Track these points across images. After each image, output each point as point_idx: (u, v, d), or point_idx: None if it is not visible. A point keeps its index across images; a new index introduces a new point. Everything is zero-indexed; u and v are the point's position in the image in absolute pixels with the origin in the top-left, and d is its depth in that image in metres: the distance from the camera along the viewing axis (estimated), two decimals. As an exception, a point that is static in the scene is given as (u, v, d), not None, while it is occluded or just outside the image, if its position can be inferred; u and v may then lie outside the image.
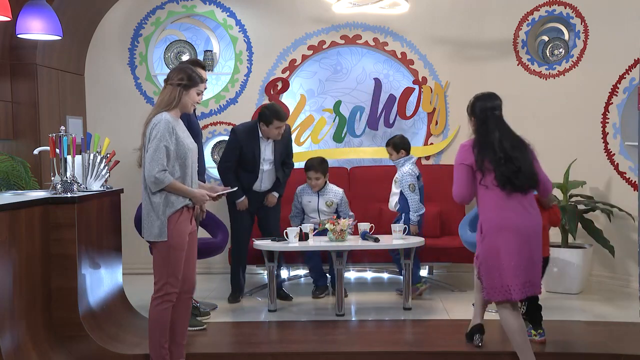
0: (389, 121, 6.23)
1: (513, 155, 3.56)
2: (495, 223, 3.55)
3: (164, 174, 3.41)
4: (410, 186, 5.11)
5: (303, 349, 4.01)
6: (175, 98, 3.52)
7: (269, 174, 5.10)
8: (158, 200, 3.46)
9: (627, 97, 5.44)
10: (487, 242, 3.58)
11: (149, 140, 3.45)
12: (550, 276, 5.32)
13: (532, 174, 3.60)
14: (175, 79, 3.52)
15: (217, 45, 6.40)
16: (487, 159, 3.56)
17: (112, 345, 3.90)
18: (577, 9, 5.79)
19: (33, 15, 4.29)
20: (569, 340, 4.15)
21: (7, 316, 3.38)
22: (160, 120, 3.44)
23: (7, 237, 3.38)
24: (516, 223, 3.52)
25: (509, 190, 3.54)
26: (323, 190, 5.36)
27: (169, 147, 3.43)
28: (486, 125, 3.66)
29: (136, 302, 4.72)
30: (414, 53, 6.20)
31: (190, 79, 3.54)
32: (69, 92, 6.01)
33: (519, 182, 3.54)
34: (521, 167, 3.55)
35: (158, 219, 3.46)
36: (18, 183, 5.00)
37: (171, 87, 3.53)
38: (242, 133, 5.01)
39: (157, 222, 3.46)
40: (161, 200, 3.46)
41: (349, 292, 5.28)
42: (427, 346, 4.04)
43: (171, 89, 3.53)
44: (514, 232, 3.51)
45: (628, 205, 5.28)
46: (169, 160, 3.45)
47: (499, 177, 3.53)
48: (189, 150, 3.52)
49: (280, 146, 5.11)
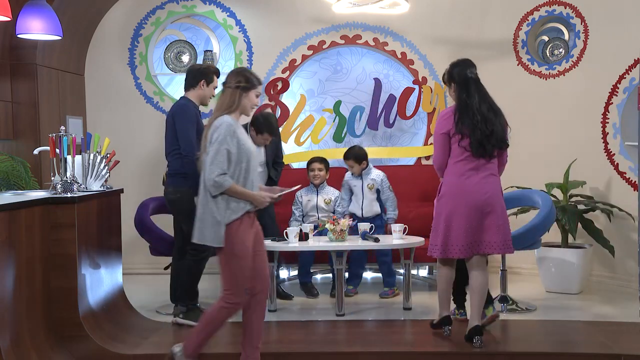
0: (389, 121, 6.23)
1: (488, 117, 3.82)
2: (455, 188, 3.87)
3: (224, 177, 3.33)
4: (390, 186, 5.36)
5: (303, 349, 4.01)
6: (235, 101, 3.47)
7: (261, 176, 5.12)
8: (218, 205, 3.35)
9: (627, 97, 5.44)
10: (442, 204, 3.93)
11: (210, 143, 3.37)
12: (550, 276, 5.33)
13: (502, 138, 3.88)
14: (233, 82, 3.47)
15: (217, 45, 6.40)
16: (466, 125, 3.81)
17: (112, 345, 3.90)
18: (577, 9, 5.78)
19: (33, 15, 4.29)
20: (569, 340, 4.16)
21: (7, 316, 3.38)
22: (222, 123, 3.38)
23: (7, 237, 3.38)
24: (472, 191, 3.84)
25: (479, 155, 3.81)
26: (321, 187, 5.45)
27: (230, 150, 3.36)
28: (467, 89, 3.90)
29: (136, 302, 4.73)
30: (414, 53, 6.20)
31: (248, 81, 3.49)
32: (69, 92, 6.01)
33: (489, 146, 3.82)
34: (494, 129, 3.82)
35: (216, 223, 3.35)
36: (18, 183, 5.00)
37: (230, 90, 3.47)
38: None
39: (214, 227, 3.35)
40: (222, 205, 3.36)
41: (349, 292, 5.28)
42: (427, 346, 4.03)
43: (230, 92, 3.47)
44: (468, 199, 3.83)
45: (628, 205, 5.28)
46: (230, 164, 3.37)
47: (474, 143, 3.80)
48: (250, 154, 3.46)
49: (270, 146, 5.21)
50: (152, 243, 4.95)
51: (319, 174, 5.42)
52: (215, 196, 3.35)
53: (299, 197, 5.48)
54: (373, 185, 5.36)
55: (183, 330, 4.44)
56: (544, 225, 4.75)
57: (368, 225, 4.92)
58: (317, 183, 5.44)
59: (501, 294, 4.83)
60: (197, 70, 4.58)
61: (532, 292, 5.31)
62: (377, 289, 5.34)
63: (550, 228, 4.92)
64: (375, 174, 5.39)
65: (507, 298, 4.81)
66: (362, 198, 5.35)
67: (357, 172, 5.35)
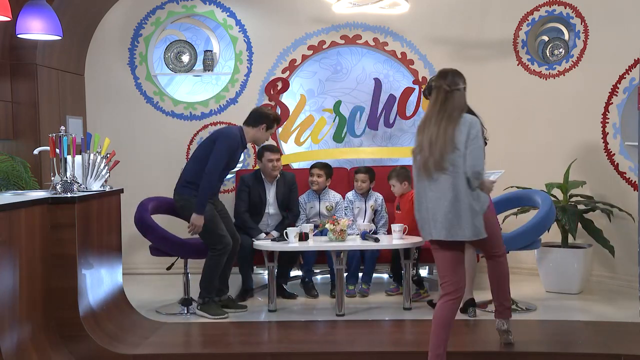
0: (389, 121, 6.23)
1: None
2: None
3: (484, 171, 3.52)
4: (385, 208, 5.49)
5: (303, 349, 4.01)
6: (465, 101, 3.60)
7: (274, 218, 5.35)
8: (477, 196, 3.47)
9: (627, 97, 5.44)
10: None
11: (468, 137, 3.43)
12: (550, 276, 5.32)
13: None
14: (461, 84, 3.57)
15: (217, 45, 6.40)
16: None
17: (112, 345, 3.90)
18: (577, 9, 5.78)
19: (33, 15, 4.29)
20: (569, 340, 4.16)
21: (7, 316, 3.38)
22: (474, 120, 3.50)
23: (7, 237, 3.38)
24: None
25: None
26: (323, 194, 5.47)
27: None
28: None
29: (136, 302, 4.73)
30: (414, 53, 6.20)
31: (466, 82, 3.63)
32: (69, 92, 6.01)
33: None
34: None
35: (475, 214, 3.44)
36: (18, 183, 5.00)
37: (459, 92, 3.56)
38: (249, 179, 5.35)
39: (479, 219, 3.46)
40: (479, 196, 3.48)
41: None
42: (427, 346, 4.01)
43: (459, 94, 3.56)
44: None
45: (628, 205, 5.28)
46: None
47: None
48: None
49: (284, 188, 5.34)
50: (155, 242, 4.91)
51: (317, 180, 5.44)
52: (474, 189, 3.45)
53: (302, 203, 5.49)
54: (374, 205, 5.46)
55: (183, 329, 4.46)
56: (543, 224, 4.75)
57: (368, 226, 4.93)
58: (315, 189, 5.47)
59: (501, 294, 4.82)
60: (262, 113, 4.84)
61: (532, 292, 5.31)
62: (377, 289, 5.33)
63: (550, 228, 4.93)
64: (376, 194, 5.50)
65: (507, 298, 4.81)
66: (364, 218, 5.41)
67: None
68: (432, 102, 3.58)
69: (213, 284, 4.70)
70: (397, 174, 5.25)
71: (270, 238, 5.04)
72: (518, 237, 4.69)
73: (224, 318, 4.62)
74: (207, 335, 4.37)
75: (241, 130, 4.79)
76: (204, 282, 4.69)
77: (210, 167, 4.59)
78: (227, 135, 4.71)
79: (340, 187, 5.67)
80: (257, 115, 4.82)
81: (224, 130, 4.81)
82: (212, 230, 4.62)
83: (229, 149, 4.66)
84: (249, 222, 5.20)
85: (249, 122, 4.80)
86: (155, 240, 4.87)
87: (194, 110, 6.32)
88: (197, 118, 6.31)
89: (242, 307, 4.88)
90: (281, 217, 5.36)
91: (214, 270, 4.67)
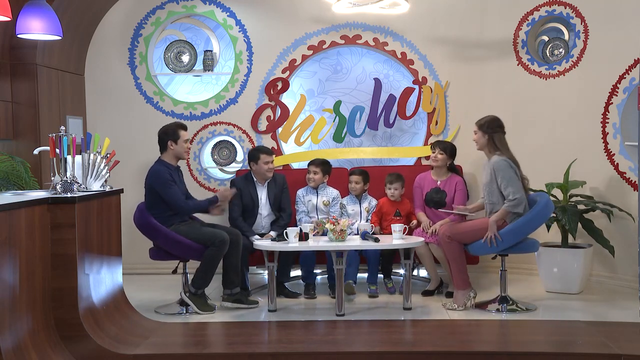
0: (389, 121, 6.23)
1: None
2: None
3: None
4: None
5: (303, 349, 4.01)
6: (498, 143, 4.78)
7: (268, 220, 5.45)
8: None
9: (627, 97, 5.44)
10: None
11: (501, 179, 4.68)
12: (550, 276, 5.32)
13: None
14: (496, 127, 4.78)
15: (217, 45, 6.40)
16: None
17: (112, 345, 3.90)
18: (577, 9, 5.78)
19: (33, 15, 4.28)
20: (569, 340, 4.16)
21: (7, 316, 3.38)
22: (500, 161, 4.69)
23: (7, 237, 3.38)
24: None
25: None
26: (321, 188, 5.55)
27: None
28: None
29: (136, 302, 4.73)
30: (414, 53, 6.20)
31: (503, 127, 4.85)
32: (69, 92, 6.01)
33: None
34: None
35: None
36: (18, 183, 5.01)
37: (498, 136, 4.77)
38: (240, 181, 5.46)
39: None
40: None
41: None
42: (427, 346, 4.03)
43: (500, 137, 4.78)
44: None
45: (628, 205, 5.28)
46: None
47: None
48: None
49: (275, 189, 5.45)
50: (159, 242, 4.87)
51: (314, 177, 5.52)
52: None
53: (300, 197, 5.52)
54: (368, 208, 5.51)
55: (182, 329, 4.46)
56: (538, 218, 4.68)
57: (368, 225, 4.93)
58: (311, 186, 5.55)
59: (501, 294, 4.82)
60: (162, 133, 4.96)
61: (532, 292, 5.31)
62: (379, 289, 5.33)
63: (547, 223, 4.91)
64: (370, 198, 5.58)
65: (507, 298, 4.81)
66: (359, 220, 5.44)
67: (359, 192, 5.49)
68: None
69: (208, 276, 4.81)
70: (400, 179, 5.40)
71: (268, 238, 5.05)
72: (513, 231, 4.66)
73: (209, 313, 4.77)
74: (207, 335, 4.37)
75: (161, 161, 4.92)
76: (199, 273, 4.81)
77: (172, 203, 4.81)
78: (154, 174, 4.84)
79: (340, 187, 5.67)
80: (161, 136, 4.93)
81: (150, 173, 4.88)
82: (202, 234, 4.80)
83: (166, 182, 4.81)
84: (244, 226, 5.27)
85: (161, 148, 4.95)
86: (160, 240, 4.83)
87: (194, 110, 6.32)
88: (197, 118, 6.31)
89: (254, 303, 4.97)
90: (274, 217, 5.44)
91: (211, 262, 4.77)
